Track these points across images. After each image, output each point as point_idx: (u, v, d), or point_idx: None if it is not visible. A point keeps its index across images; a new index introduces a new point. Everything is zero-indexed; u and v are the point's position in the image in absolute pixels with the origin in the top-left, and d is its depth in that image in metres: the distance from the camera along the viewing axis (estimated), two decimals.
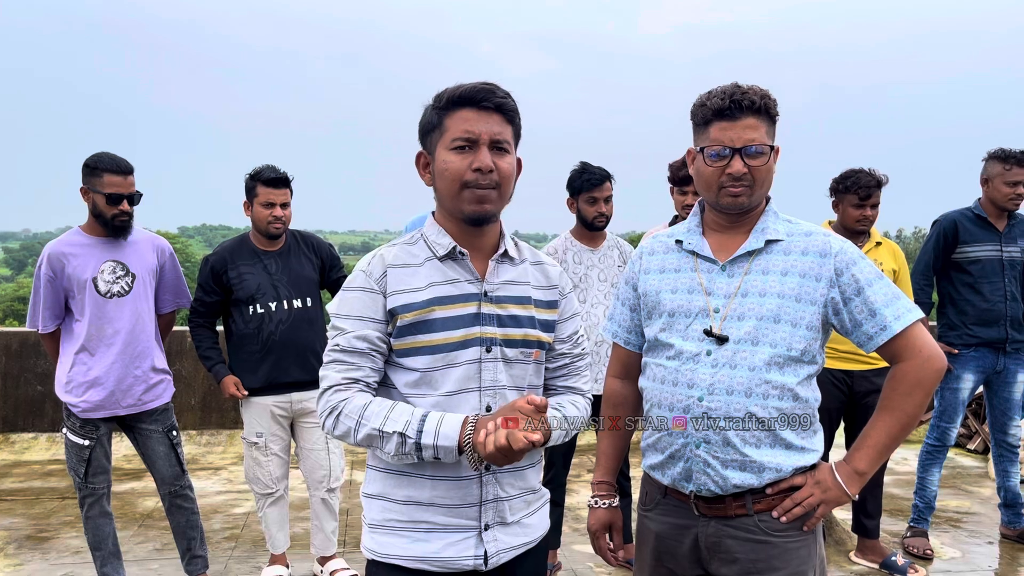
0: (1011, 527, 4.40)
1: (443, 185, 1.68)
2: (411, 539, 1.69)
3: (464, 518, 1.70)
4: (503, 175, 1.66)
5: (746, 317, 1.82)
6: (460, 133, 1.64)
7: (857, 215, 3.80)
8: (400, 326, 1.67)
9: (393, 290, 1.68)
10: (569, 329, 1.87)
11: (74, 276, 3.28)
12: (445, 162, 1.66)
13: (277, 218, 3.62)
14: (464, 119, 1.64)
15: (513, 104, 1.69)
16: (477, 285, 1.72)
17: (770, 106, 1.83)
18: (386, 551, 1.70)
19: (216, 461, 6.04)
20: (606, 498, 2.09)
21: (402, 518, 1.70)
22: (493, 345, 1.70)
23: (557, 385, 1.88)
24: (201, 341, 3.74)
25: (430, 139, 1.71)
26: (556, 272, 1.87)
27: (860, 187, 3.75)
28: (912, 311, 1.81)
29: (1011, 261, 4.13)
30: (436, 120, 1.69)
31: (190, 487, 3.58)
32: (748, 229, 1.90)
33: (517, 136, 1.73)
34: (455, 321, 1.68)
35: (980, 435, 6.34)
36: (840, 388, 3.84)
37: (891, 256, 3.94)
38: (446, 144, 1.66)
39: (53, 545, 4.28)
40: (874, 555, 4.03)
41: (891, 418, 1.81)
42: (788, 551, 1.83)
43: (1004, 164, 4.06)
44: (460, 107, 1.65)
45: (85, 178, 3.27)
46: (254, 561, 4.07)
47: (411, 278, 1.69)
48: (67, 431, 3.38)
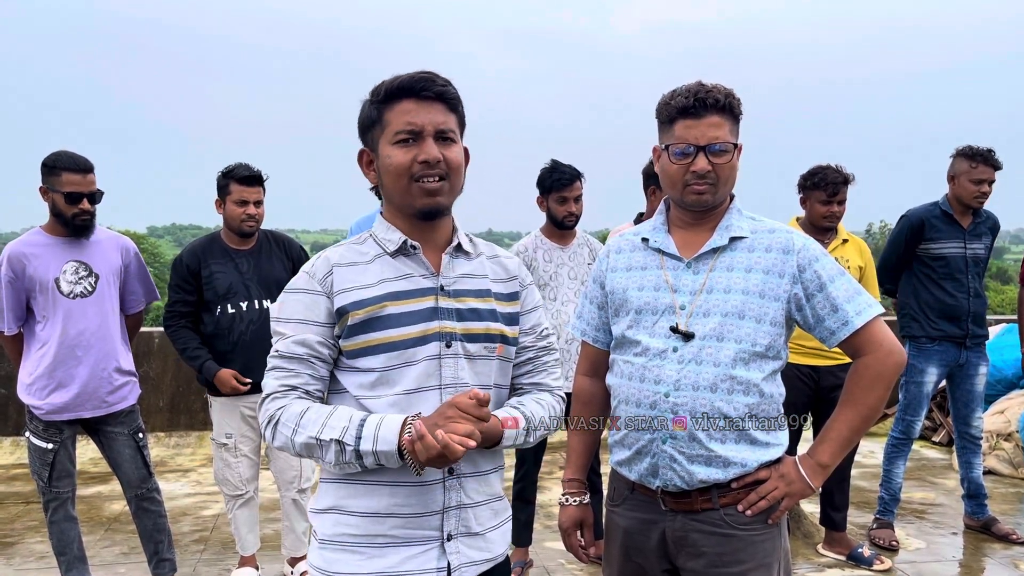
0: (975, 518, 4.48)
1: (390, 181, 1.61)
2: (365, 555, 1.58)
3: (425, 528, 1.60)
4: (451, 166, 1.59)
5: (711, 314, 1.84)
6: (402, 126, 1.57)
7: (824, 211, 3.85)
8: (351, 325, 1.58)
9: (340, 288, 1.60)
10: (531, 321, 1.78)
11: (36, 277, 3.22)
12: (390, 157, 1.58)
13: (251, 216, 3.58)
14: (405, 111, 1.57)
15: (454, 92, 1.62)
16: (432, 279, 1.64)
17: (734, 104, 1.85)
18: (335, 569, 1.59)
19: (185, 463, 5.97)
20: (577, 495, 2.09)
21: (356, 532, 1.59)
22: (453, 340, 1.62)
23: (523, 383, 1.78)
24: (187, 342, 3.60)
25: (371, 135, 1.64)
26: (514, 264, 1.79)
27: (827, 184, 3.79)
28: (873, 306, 1.84)
29: (975, 258, 4.20)
30: (375, 115, 1.61)
31: (157, 490, 3.53)
32: (713, 226, 1.92)
33: (462, 125, 1.66)
34: (411, 316, 1.59)
35: (945, 428, 6.45)
36: (807, 383, 3.88)
37: (858, 253, 3.99)
38: (389, 139, 1.58)
39: (17, 550, 4.20)
40: (841, 547, 4.08)
41: (852, 412, 1.84)
42: (754, 544, 1.85)
43: (971, 162, 4.11)
44: (399, 99, 1.58)
45: (44, 177, 3.21)
46: (223, 564, 4.03)
47: (360, 275, 1.62)
48: (30, 434, 3.32)
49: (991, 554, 4.19)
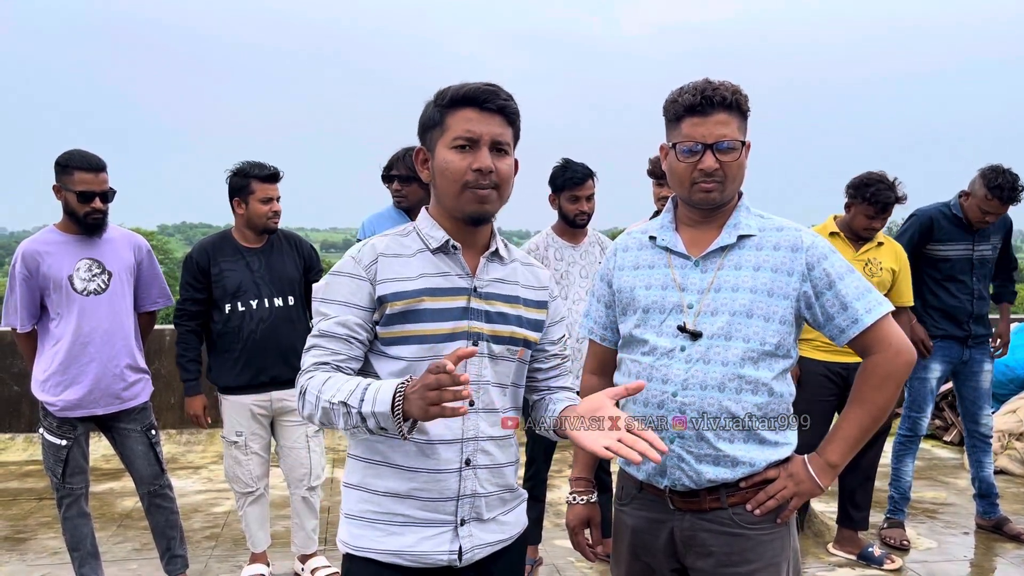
0: (986, 517, 4.46)
1: (443, 184, 1.69)
2: (385, 531, 1.69)
3: (441, 512, 1.69)
4: (502, 176, 1.67)
5: (719, 312, 1.84)
6: (462, 132, 1.64)
7: (866, 224, 3.78)
8: (389, 314, 1.66)
9: (383, 278, 1.68)
10: (559, 333, 1.91)
11: (49, 274, 3.24)
12: (446, 161, 1.66)
13: (276, 213, 3.64)
14: (466, 119, 1.65)
15: (515, 107, 1.70)
16: (467, 280, 1.73)
17: (741, 102, 1.84)
18: (359, 544, 1.70)
19: (196, 460, 6.01)
20: (584, 494, 2.09)
21: (378, 509, 1.69)
22: (480, 340, 1.71)
23: (551, 386, 1.92)
24: (186, 349, 3.65)
25: (430, 136, 1.71)
26: (545, 275, 1.90)
27: (877, 202, 3.71)
28: (882, 304, 1.83)
29: (981, 259, 4.18)
30: (438, 117, 1.68)
31: (169, 486, 3.55)
32: (721, 224, 1.91)
33: (516, 138, 1.75)
34: (444, 313, 1.68)
35: (956, 427, 6.42)
36: (835, 381, 3.85)
37: (892, 256, 3.92)
38: (447, 143, 1.66)
39: (31, 546, 4.24)
40: (852, 546, 4.07)
41: (862, 411, 1.83)
42: (762, 543, 1.85)
43: (988, 192, 4.00)
44: (463, 107, 1.66)
45: (57, 176, 3.24)
46: (234, 560, 4.06)
47: (402, 267, 1.69)
48: (44, 431, 3.34)
49: (1003, 554, 4.17)
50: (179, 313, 3.67)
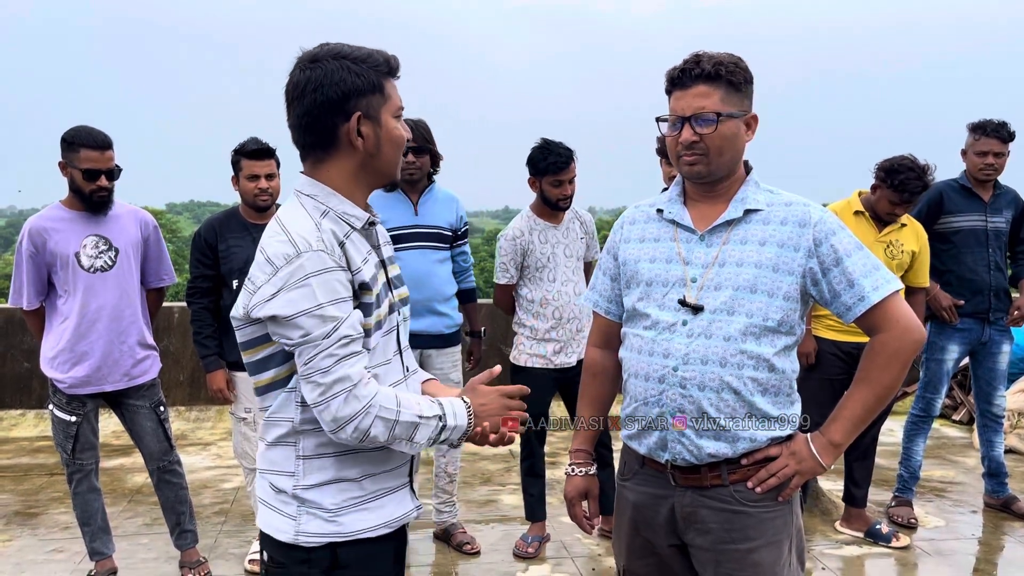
0: (995, 496, 4.44)
1: (391, 151, 1.65)
2: (371, 509, 1.69)
3: (402, 476, 1.75)
4: None
5: (723, 287, 1.82)
6: (400, 103, 1.66)
7: (890, 210, 3.71)
8: (365, 303, 1.60)
9: (356, 265, 1.60)
10: None
11: (56, 251, 3.24)
12: (395, 129, 1.65)
13: (263, 190, 3.55)
14: (397, 89, 1.67)
15: None
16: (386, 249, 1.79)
17: (724, 72, 1.79)
18: (352, 528, 1.67)
19: (205, 437, 6.05)
20: (583, 466, 2.09)
21: (361, 493, 1.68)
22: (403, 307, 1.78)
23: None
24: (201, 327, 3.63)
25: (367, 101, 1.59)
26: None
27: (905, 191, 3.62)
28: (891, 282, 1.81)
29: (996, 231, 4.14)
30: (378, 84, 1.60)
31: (178, 462, 3.58)
32: (728, 199, 1.89)
33: None
34: (385, 288, 1.70)
35: (965, 406, 6.39)
36: (845, 360, 3.80)
37: (914, 237, 3.85)
38: (392, 111, 1.64)
39: (42, 521, 4.29)
40: (859, 524, 4.07)
41: (867, 390, 1.81)
42: (763, 521, 1.84)
43: (974, 134, 4.12)
44: (393, 77, 1.65)
45: (63, 152, 3.23)
46: (244, 535, 4.09)
47: (356, 252, 1.62)
48: (53, 407, 3.37)
49: (1011, 532, 4.17)
50: (191, 291, 3.66)
